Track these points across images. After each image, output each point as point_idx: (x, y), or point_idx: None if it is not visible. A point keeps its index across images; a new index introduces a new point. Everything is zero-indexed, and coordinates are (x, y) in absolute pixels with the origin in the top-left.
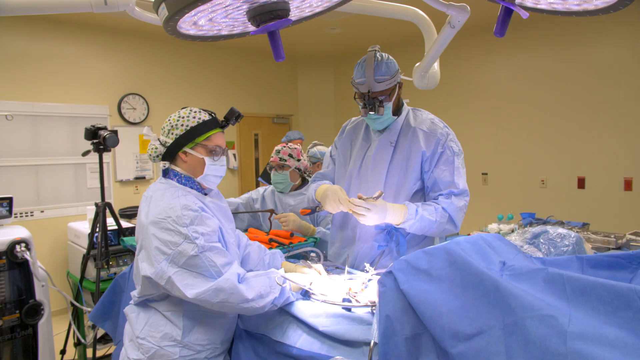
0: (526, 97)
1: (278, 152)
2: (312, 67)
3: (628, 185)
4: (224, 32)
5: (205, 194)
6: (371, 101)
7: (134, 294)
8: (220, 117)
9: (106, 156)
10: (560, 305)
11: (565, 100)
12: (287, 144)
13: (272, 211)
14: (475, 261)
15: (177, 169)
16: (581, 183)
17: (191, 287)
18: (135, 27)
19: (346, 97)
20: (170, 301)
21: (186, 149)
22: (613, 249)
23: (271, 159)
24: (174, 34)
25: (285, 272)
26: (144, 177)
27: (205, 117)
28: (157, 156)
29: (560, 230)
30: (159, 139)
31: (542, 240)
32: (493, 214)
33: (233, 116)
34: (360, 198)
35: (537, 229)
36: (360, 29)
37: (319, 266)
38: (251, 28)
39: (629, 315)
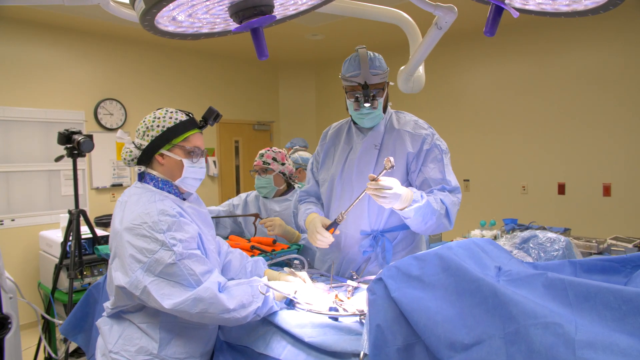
0: (507, 104)
1: (262, 155)
2: (293, 74)
3: (607, 190)
4: (205, 30)
5: (184, 199)
6: (367, 92)
7: (107, 305)
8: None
9: (81, 163)
10: (564, 312)
11: (545, 107)
12: (271, 148)
13: (257, 215)
14: (469, 266)
15: (154, 172)
16: (561, 189)
17: (168, 297)
18: (114, 31)
19: (328, 104)
20: (146, 312)
21: (163, 151)
22: (595, 253)
23: (255, 163)
24: (151, 30)
25: (269, 280)
26: (121, 184)
27: (182, 117)
28: (132, 160)
29: (550, 234)
30: (133, 142)
31: (531, 245)
32: (475, 220)
33: (212, 116)
34: (372, 179)
35: (526, 233)
36: (342, 35)
37: (304, 274)
38: (233, 25)
39: (639, 321)
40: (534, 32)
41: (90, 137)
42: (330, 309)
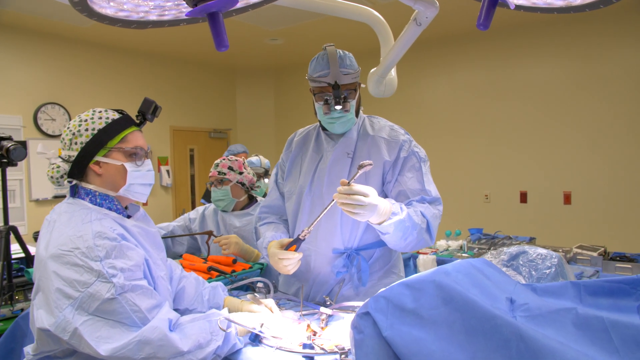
0: (468, 112)
1: (217, 165)
2: (251, 80)
3: (567, 199)
4: (153, 17)
5: (129, 216)
6: (338, 93)
7: (28, 350)
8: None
9: (18, 172)
10: None
11: (507, 116)
12: (227, 157)
13: (210, 233)
14: (478, 298)
15: (90, 186)
16: (523, 197)
17: (106, 341)
18: (58, 30)
19: (287, 111)
20: (78, 358)
21: (98, 158)
22: None
23: (210, 174)
24: (84, 11)
25: (230, 311)
26: (64, 196)
27: (114, 115)
28: (62, 177)
29: (541, 250)
30: (60, 156)
31: (521, 262)
32: (440, 229)
33: (149, 108)
34: (344, 184)
35: (513, 249)
36: (302, 40)
37: (270, 301)
38: (187, 10)
39: None
40: (495, 40)
41: (22, 143)
42: (304, 345)
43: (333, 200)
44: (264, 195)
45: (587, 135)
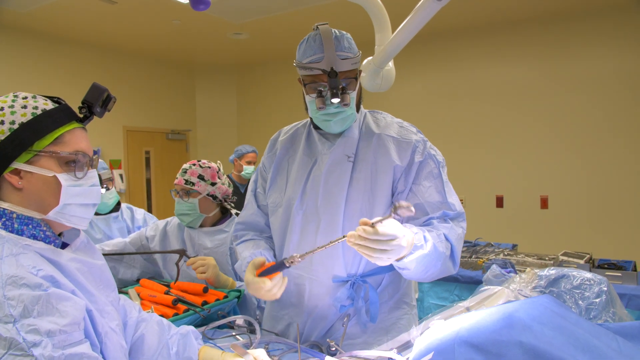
0: (442, 114)
1: (184, 172)
2: (212, 77)
3: (544, 203)
4: None
5: (65, 245)
6: (335, 82)
7: None
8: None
9: None
10: None
11: (480, 119)
12: (198, 162)
13: (182, 252)
14: None
15: (4, 204)
16: (499, 202)
17: None
18: None
19: (250, 110)
20: None
21: (18, 164)
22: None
23: (175, 181)
24: None
25: None
26: None
27: (45, 105)
28: None
29: (585, 274)
30: None
31: (563, 289)
32: None
33: (98, 98)
34: (365, 224)
35: (552, 272)
36: (269, 35)
37: (261, 352)
38: None
39: None
40: (470, 40)
41: None
42: None
43: (342, 238)
44: None
45: (563, 138)
